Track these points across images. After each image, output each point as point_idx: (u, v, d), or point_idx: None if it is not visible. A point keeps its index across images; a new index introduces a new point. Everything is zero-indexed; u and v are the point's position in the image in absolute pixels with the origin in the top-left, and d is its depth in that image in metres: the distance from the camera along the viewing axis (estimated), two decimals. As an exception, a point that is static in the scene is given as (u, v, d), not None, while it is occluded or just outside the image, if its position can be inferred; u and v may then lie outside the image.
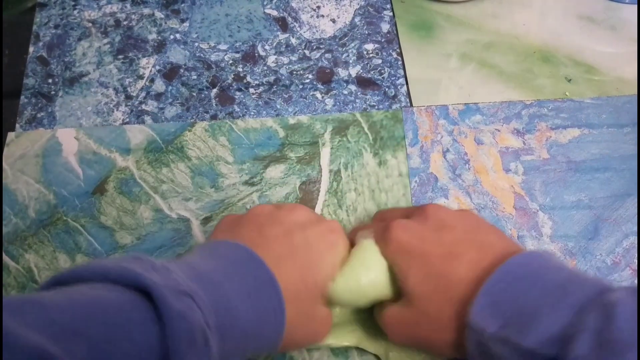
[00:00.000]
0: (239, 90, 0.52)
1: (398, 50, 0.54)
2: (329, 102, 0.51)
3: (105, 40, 0.54)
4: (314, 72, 0.53)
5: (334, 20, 0.56)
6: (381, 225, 0.37)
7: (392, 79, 0.52)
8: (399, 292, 0.36)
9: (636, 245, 0.44)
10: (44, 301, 0.24)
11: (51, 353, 0.22)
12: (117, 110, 0.51)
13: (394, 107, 0.51)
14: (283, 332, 0.32)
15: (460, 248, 0.33)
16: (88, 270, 0.27)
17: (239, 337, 0.30)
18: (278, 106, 0.51)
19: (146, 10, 0.56)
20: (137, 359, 0.25)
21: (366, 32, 0.55)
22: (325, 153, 0.48)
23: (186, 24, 0.55)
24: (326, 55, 0.54)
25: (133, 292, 0.26)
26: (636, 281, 0.43)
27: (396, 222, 0.36)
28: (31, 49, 0.54)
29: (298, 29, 0.55)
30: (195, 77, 0.52)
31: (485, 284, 0.30)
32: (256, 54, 0.54)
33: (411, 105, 0.51)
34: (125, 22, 0.56)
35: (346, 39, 0.55)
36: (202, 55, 0.54)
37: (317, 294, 0.35)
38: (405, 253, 0.34)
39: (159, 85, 0.52)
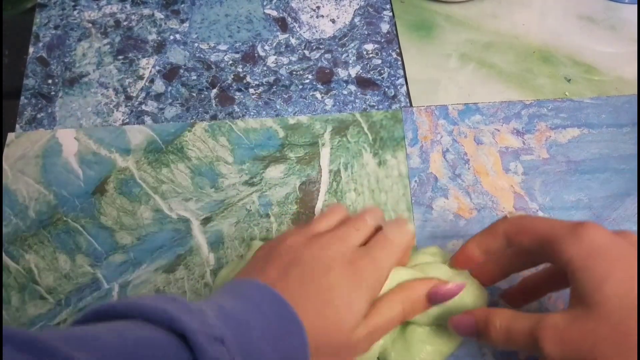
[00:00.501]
0: (239, 90, 0.52)
1: (398, 50, 0.54)
2: (329, 102, 0.51)
3: (105, 41, 0.54)
4: (313, 73, 0.53)
5: (333, 21, 0.56)
6: (560, 225, 0.32)
7: (392, 79, 0.52)
8: None
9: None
10: (99, 336, 0.25)
11: None
12: (117, 110, 0.51)
13: (393, 107, 0.51)
14: None
15: None
16: (129, 308, 0.28)
17: None
18: (278, 106, 0.51)
19: (146, 11, 0.56)
20: None
21: (366, 32, 0.55)
22: (325, 153, 0.48)
23: (186, 24, 0.56)
24: (326, 55, 0.54)
25: (171, 334, 0.27)
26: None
27: (590, 224, 0.31)
28: (31, 49, 0.54)
29: (298, 29, 0.55)
30: (195, 77, 0.52)
31: None
32: (256, 54, 0.54)
33: (411, 105, 0.51)
34: (125, 23, 0.56)
35: (346, 39, 0.55)
36: (202, 55, 0.54)
37: (342, 340, 0.33)
38: (604, 257, 0.30)
39: (159, 86, 0.52)
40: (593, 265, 0.30)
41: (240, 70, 0.53)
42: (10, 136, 0.49)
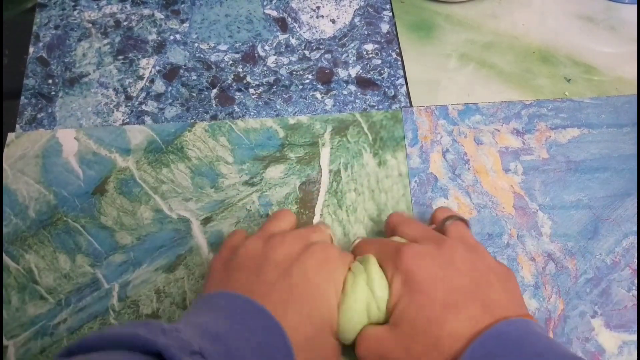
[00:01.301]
0: (239, 90, 0.52)
1: (398, 50, 0.54)
2: (329, 102, 0.51)
3: (105, 41, 0.54)
4: (313, 73, 0.53)
5: (333, 21, 0.56)
6: (391, 246, 0.37)
7: (392, 79, 0.52)
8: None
9: (636, 245, 0.44)
10: None
11: None
12: (117, 110, 0.51)
13: (393, 107, 0.51)
14: None
15: (464, 299, 0.33)
16: (102, 339, 0.28)
17: None
18: (278, 106, 0.51)
19: (146, 11, 0.56)
20: None
21: (366, 33, 0.55)
22: (325, 153, 0.48)
23: (186, 24, 0.56)
24: (326, 55, 0.54)
25: (149, 357, 0.27)
26: (636, 281, 0.43)
27: (409, 248, 0.35)
28: (31, 49, 0.54)
29: (298, 29, 0.55)
30: (195, 77, 0.52)
31: (470, 345, 0.30)
32: (256, 55, 0.54)
33: (411, 105, 0.51)
34: (125, 23, 0.56)
35: (346, 39, 0.55)
36: (202, 55, 0.54)
37: (327, 330, 0.35)
38: (410, 283, 0.34)
39: (159, 86, 0.52)
40: (400, 289, 0.34)
41: (241, 70, 0.53)
42: (10, 136, 0.49)
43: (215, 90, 0.52)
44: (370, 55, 0.54)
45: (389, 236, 0.40)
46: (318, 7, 0.57)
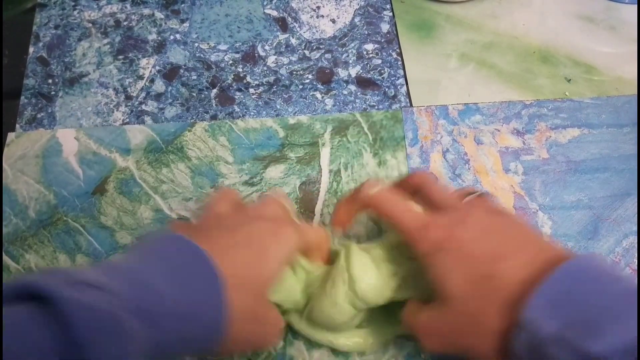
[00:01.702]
0: (239, 90, 0.52)
1: (398, 50, 0.54)
2: (329, 102, 0.51)
3: (105, 41, 0.54)
4: (313, 73, 0.53)
5: (333, 21, 0.56)
6: (417, 220, 0.35)
7: (392, 79, 0.52)
8: (415, 293, 0.36)
9: (636, 245, 0.44)
10: None
11: None
12: (117, 110, 0.51)
13: (393, 107, 0.51)
14: (225, 319, 0.31)
15: (507, 249, 0.32)
16: None
17: (172, 320, 0.29)
18: (278, 106, 0.51)
19: (146, 11, 0.56)
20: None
21: (366, 33, 0.55)
22: (325, 153, 0.48)
23: (186, 24, 0.56)
24: (326, 55, 0.54)
25: (30, 304, 0.25)
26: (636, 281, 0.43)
27: (434, 221, 0.34)
28: (31, 49, 0.54)
29: (298, 29, 0.55)
30: (195, 77, 0.52)
31: (543, 283, 0.28)
32: (256, 54, 0.54)
33: (411, 105, 0.51)
34: (125, 23, 0.56)
35: (346, 39, 0.55)
36: (202, 55, 0.54)
37: (262, 289, 0.34)
38: (445, 253, 0.33)
39: (159, 86, 0.52)
40: (437, 264, 0.33)
41: (241, 70, 0.53)
42: (10, 136, 0.49)
43: (215, 90, 0.52)
44: (371, 55, 0.54)
45: (410, 193, 0.38)
46: (318, 7, 0.57)
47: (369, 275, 0.36)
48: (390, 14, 0.56)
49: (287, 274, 0.37)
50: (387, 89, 0.52)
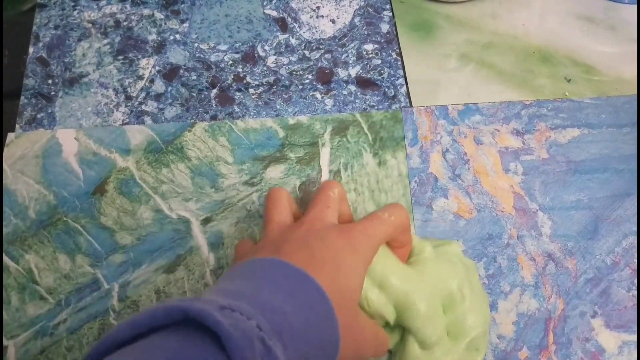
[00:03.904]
0: (239, 90, 0.52)
1: (397, 50, 0.54)
2: (329, 102, 0.51)
3: (105, 41, 0.54)
4: (313, 73, 0.53)
5: (333, 21, 0.56)
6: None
7: (392, 79, 0.52)
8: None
9: (636, 245, 0.44)
10: None
11: None
12: (117, 110, 0.51)
13: (393, 107, 0.51)
14: (339, 337, 0.31)
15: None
16: (132, 327, 0.26)
17: (300, 342, 0.28)
18: (278, 106, 0.51)
19: (146, 11, 0.56)
20: None
21: (366, 33, 0.55)
22: (325, 153, 0.48)
23: (186, 24, 0.56)
24: (326, 55, 0.54)
25: (187, 328, 0.26)
26: (636, 281, 0.43)
27: None
28: (31, 49, 0.54)
29: (298, 29, 0.55)
30: (195, 77, 0.52)
31: None
32: (256, 55, 0.54)
33: (411, 105, 0.51)
34: (125, 23, 0.56)
35: (346, 39, 0.55)
36: (201, 55, 0.54)
37: (351, 305, 0.33)
38: None
39: (159, 86, 0.52)
40: None
41: (240, 70, 0.53)
42: (10, 136, 0.49)
43: (215, 90, 0.52)
44: (370, 55, 0.54)
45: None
46: (318, 7, 0.57)
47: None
48: (390, 14, 0.56)
49: (374, 291, 0.36)
50: (386, 89, 0.52)
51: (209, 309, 0.25)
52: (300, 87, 0.52)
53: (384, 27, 0.55)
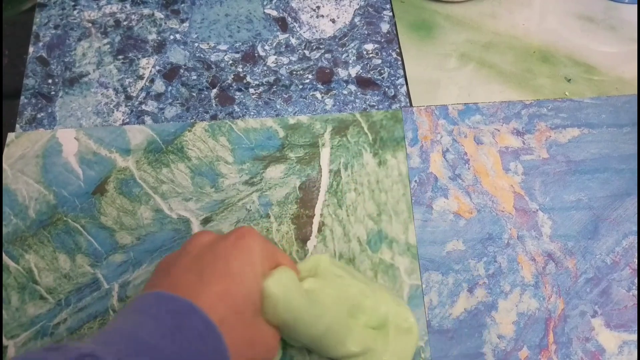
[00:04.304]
0: (239, 90, 0.52)
1: (398, 50, 0.54)
2: (329, 102, 0.51)
3: (105, 41, 0.54)
4: (313, 72, 0.53)
5: (333, 21, 0.56)
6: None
7: (392, 79, 0.52)
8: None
9: (636, 245, 0.44)
10: None
11: None
12: (117, 110, 0.51)
13: (393, 107, 0.51)
14: (227, 355, 0.30)
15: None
16: None
17: None
18: (278, 106, 0.51)
19: (146, 11, 0.56)
20: None
21: (366, 32, 0.55)
22: (325, 153, 0.48)
23: (186, 24, 0.56)
24: (326, 55, 0.54)
25: None
26: (636, 281, 0.43)
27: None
28: (31, 49, 0.54)
29: (298, 29, 0.55)
30: (195, 77, 0.52)
31: None
32: (256, 54, 0.54)
33: (411, 105, 0.51)
34: (125, 23, 0.56)
35: (346, 39, 0.55)
36: (202, 55, 0.54)
37: (247, 309, 0.32)
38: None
39: (159, 86, 0.52)
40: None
41: (241, 70, 0.53)
42: (10, 136, 0.49)
43: (215, 90, 0.52)
44: (371, 55, 0.54)
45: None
46: (318, 7, 0.57)
47: None
48: (390, 13, 0.56)
49: (351, 323, 0.37)
50: (387, 89, 0.52)
51: None
52: (301, 86, 0.52)
53: (384, 27, 0.55)
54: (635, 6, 0.56)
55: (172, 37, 0.55)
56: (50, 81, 0.52)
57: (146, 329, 0.29)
